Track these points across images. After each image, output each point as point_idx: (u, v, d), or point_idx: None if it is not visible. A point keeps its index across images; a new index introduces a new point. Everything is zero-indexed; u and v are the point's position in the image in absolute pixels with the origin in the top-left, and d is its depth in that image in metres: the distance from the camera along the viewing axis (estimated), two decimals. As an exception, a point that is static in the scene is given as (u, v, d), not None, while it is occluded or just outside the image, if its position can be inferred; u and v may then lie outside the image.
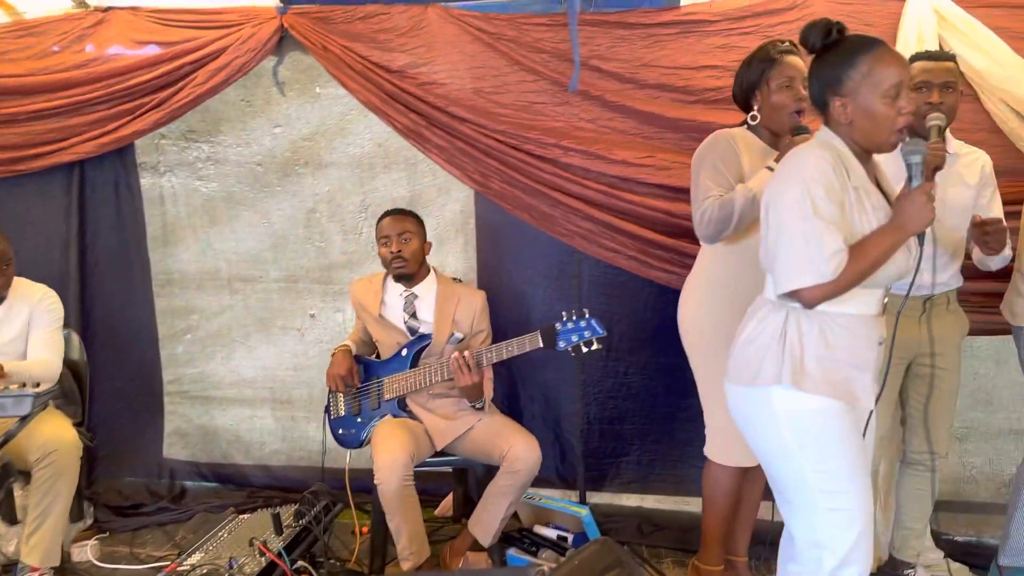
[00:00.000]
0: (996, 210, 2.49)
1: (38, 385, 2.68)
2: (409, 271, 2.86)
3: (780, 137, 2.35)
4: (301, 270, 3.53)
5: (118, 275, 3.59)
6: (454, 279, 3.08)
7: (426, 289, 2.92)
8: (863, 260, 1.69)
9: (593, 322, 2.59)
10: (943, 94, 2.37)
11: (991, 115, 2.75)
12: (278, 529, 2.70)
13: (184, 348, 3.67)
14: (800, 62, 2.28)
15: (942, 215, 2.39)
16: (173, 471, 3.68)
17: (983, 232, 2.34)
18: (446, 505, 3.30)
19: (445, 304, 2.89)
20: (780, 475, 1.85)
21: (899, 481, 2.72)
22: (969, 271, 2.62)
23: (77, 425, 3.06)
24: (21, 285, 2.88)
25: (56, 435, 2.68)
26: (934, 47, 2.70)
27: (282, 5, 3.13)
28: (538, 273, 3.26)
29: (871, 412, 1.86)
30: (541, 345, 2.61)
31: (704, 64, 2.88)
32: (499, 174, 3.05)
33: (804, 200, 1.66)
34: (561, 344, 2.59)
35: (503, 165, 3.04)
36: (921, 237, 1.76)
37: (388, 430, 2.73)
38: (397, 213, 2.91)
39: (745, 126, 2.42)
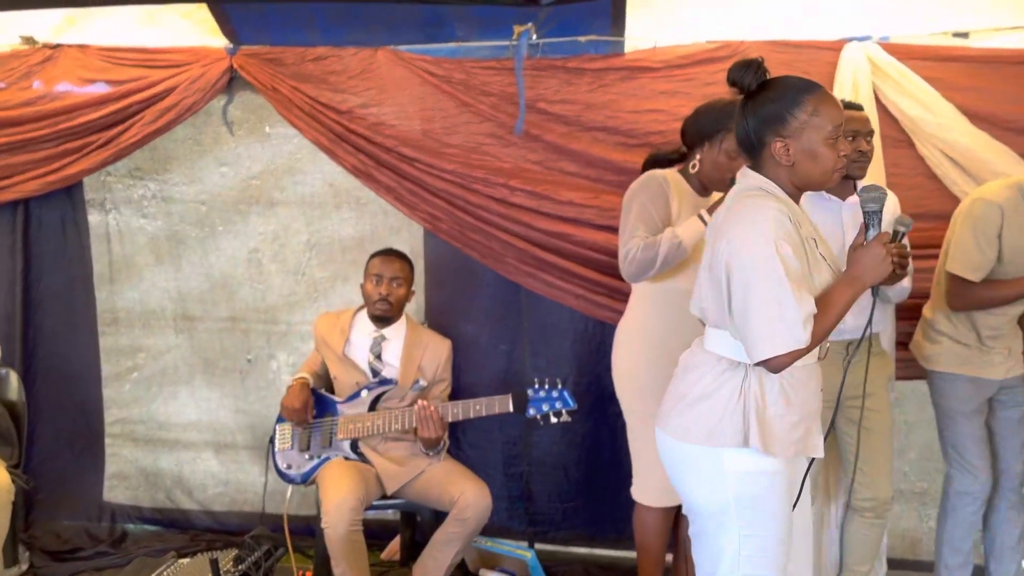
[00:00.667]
0: None
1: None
2: (390, 315, 2.88)
3: (708, 189, 2.40)
4: (246, 310, 3.49)
5: (63, 313, 3.53)
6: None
7: (395, 332, 2.92)
8: (827, 318, 1.64)
9: (565, 394, 2.63)
10: (869, 142, 2.43)
11: (925, 160, 2.82)
12: (216, 575, 2.65)
13: (128, 388, 3.60)
14: None
15: None
16: (114, 514, 3.59)
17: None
18: (393, 548, 3.25)
19: (413, 349, 2.88)
20: (709, 532, 1.79)
21: (845, 526, 2.71)
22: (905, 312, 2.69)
23: (13, 467, 2.99)
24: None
25: (-16, 479, 2.61)
26: (869, 95, 2.78)
27: (232, 46, 3.14)
28: (485, 313, 3.26)
29: (811, 461, 1.83)
30: (511, 410, 2.63)
31: (647, 108, 2.93)
32: (447, 214, 3.07)
33: (774, 260, 1.59)
34: (531, 411, 2.63)
35: (451, 205, 3.06)
36: (875, 290, 1.73)
37: (338, 472, 2.70)
38: (393, 255, 2.93)
39: (677, 168, 2.46)
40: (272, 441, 2.93)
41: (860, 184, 2.47)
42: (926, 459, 3.10)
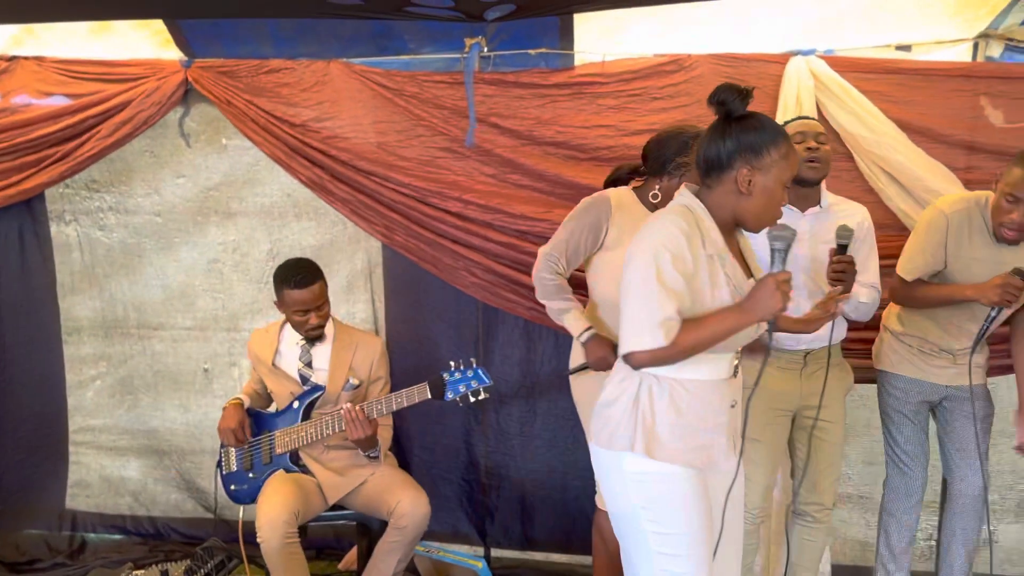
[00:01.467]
0: (870, 269, 2.55)
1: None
2: (323, 333, 2.86)
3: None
4: (208, 319, 3.52)
5: (23, 324, 3.54)
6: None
7: (324, 338, 2.90)
8: (698, 333, 1.71)
9: (480, 371, 2.63)
10: (819, 143, 2.47)
11: (863, 175, 2.87)
12: (168, 586, 2.68)
13: (92, 396, 3.62)
14: None
15: (817, 271, 2.50)
16: (76, 522, 3.61)
17: (832, 267, 2.38)
18: (350, 559, 3.27)
19: (343, 351, 2.87)
20: (625, 533, 1.88)
21: (790, 531, 2.78)
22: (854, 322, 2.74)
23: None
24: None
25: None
26: (812, 110, 2.83)
27: (187, 59, 3.16)
28: (442, 322, 3.29)
29: (736, 473, 1.88)
30: (429, 396, 2.63)
31: (596, 124, 2.97)
32: (403, 227, 3.10)
33: (650, 265, 1.70)
34: (449, 395, 2.61)
35: (406, 219, 3.09)
36: (770, 325, 1.75)
37: (275, 487, 2.71)
38: (304, 282, 2.73)
39: (635, 183, 2.54)
40: (220, 465, 2.93)
41: (827, 201, 2.53)
42: (869, 463, 3.16)
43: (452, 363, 2.64)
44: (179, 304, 3.53)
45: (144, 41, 3.15)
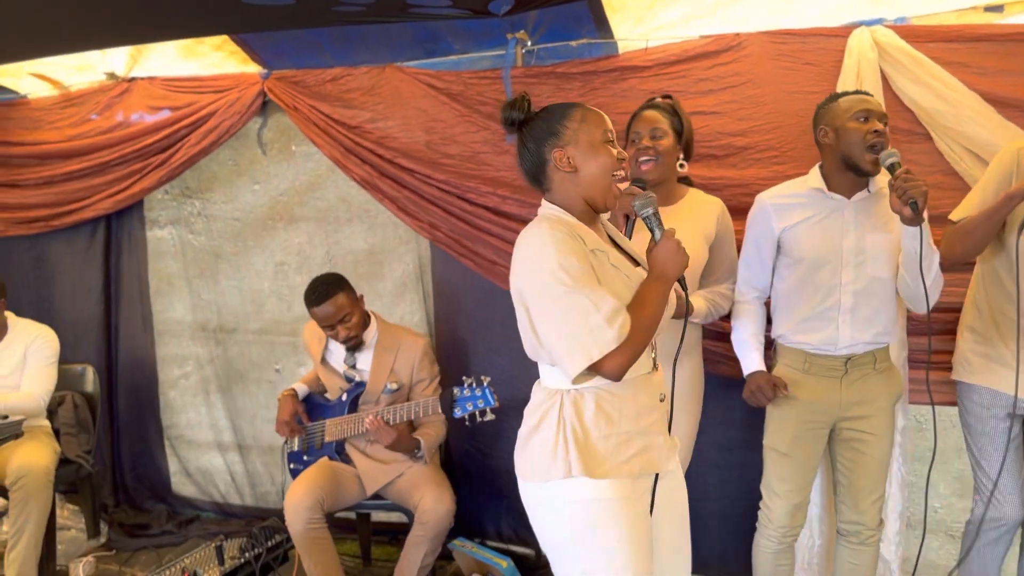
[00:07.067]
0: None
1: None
2: (361, 339, 2.93)
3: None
4: (274, 322, 3.70)
5: (134, 321, 3.89)
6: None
7: (367, 339, 2.96)
8: (642, 316, 1.62)
9: (487, 391, 2.62)
10: (884, 123, 2.17)
11: (944, 155, 2.50)
12: (220, 560, 2.89)
13: (176, 395, 3.89)
14: None
15: (863, 262, 2.20)
16: (184, 506, 3.92)
17: (898, 186, 2.02)
18: (409, 547, 3.35)
19: (384, 353, 2.93)
20: (558, 569, 1.73)
21: (836, 552, 2.50)
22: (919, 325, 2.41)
23: (87, 452, 3.42)
24: (21, 325, 3.25)
25: (28, 461, 2.96)
26: (875, 85, 2.51)
27: (266, 71, 3.38)
28: (495, 324, 3.24)
29: (656, 477, 1.74)
30: (440, 412, 2.68)
31: (639, 110, 2.81)
32: (445, 222, 3.13)
33: (559, 273, 1.58)
34: (457, 412, 2.63)
35: (447, 213, 3.11)
36: (682, 281, 1.71)
37: (309, 473, 2.84)
38: (320, 299, 2.81)
39: None
40: (286, 442, 3.12)
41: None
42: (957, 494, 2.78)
43: (464, 378, 2.65)
44: (250, 307, 3.73)
45: (224, 60, 3.41)
